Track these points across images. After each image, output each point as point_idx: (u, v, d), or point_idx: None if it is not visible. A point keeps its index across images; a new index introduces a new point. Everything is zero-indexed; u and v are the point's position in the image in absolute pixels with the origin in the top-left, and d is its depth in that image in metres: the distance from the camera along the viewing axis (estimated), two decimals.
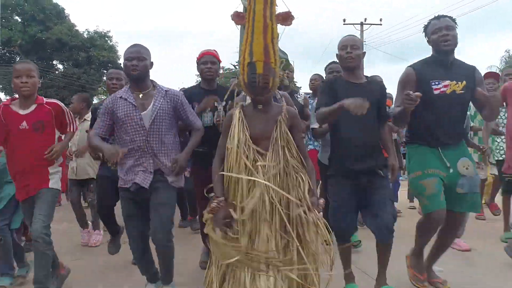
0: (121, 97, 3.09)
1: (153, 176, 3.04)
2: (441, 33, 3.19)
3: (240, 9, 2.46)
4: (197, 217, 4.55)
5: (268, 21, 2.25)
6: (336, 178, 3.12)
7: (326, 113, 2.95)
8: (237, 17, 2.35)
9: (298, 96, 4.90)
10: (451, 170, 3.18)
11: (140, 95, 3.08)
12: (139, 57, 3.05)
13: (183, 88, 4.65)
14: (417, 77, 3.23)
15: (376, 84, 3.29)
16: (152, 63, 3.19)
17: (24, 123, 3.13)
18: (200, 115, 3.56)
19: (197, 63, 3.83)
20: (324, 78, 4.59)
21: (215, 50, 3.86)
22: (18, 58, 27.99)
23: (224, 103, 3.47)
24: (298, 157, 2.39)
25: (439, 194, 3.13)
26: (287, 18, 2.30)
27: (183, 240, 4.88)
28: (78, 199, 5.18)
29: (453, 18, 3.30)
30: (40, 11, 26.12)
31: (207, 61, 3.74)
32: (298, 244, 2.20)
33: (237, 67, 25.92)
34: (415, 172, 3.26)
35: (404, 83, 3.28)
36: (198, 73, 3.93)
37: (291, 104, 3.52)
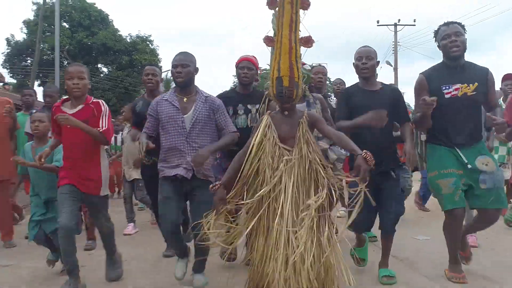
0: (166, 99, 3.37)
1: (193, 174, 3.27)
2: (450, 39, 3.34)
3: (271, 33, 3.00)
4: None
5: (293, 43, 2.79)
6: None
7: (347, 128, 3.26)
8: (268, 41, 2.91)
9: (331, 100, 5.21)
10: (469, 166, 3.28)
11: (185, 99, 3.34)
12: (183, 64, 3.32)
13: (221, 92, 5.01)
14: (428, 84, 3.41)
15: (390, 90, 3.54)
16: (197, 69, 3.43)
17: None
18: (234, 117, 3.80)
19: (236, 67, 4.02)
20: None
21: (253, 57, 4.05)
22: (66, 62, 29.51)
23: (257, 106, 3.79)
24: (317, 151, 2.83)
25: (455, 194, 3.26)
26: (308, 41, 2.85)
27: None
28: (130, 195, 5.87)
29: (462, 24, 3.44)
30: (86, 18, 27.37)
31: (244, 67, 3.93)
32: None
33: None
34: (432, 171, 3.45)
35: (418, 90, 3.47)
36: (236, 76, 4.10)
37: (325, 106, 3.94)
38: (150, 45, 29.12)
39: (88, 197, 3.42)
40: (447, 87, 3.35)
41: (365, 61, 3.46)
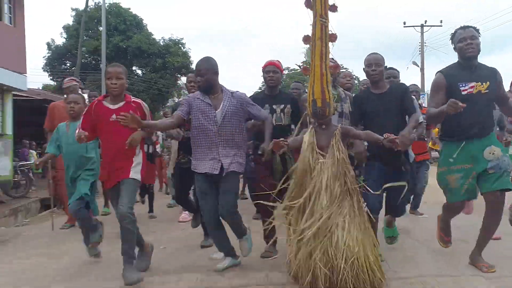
0: (198, 98, 3.81)
1: (222, 164, 3.71)
2: (466, 42, 3.64)
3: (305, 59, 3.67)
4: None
5: (324, 71, 3.46)
6: (370, 162, 3.94)
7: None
8: (305, 70, 3.60)
9: None
10: (478, 161, 3.62)
11: (213, 97, 3.79)
12: (200, 73, 3.83)
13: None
14: (446, 81, 3.71)
15: (395, 88, 3.99)
16: (216, 73, 3.84)
17: (114, 116, 3.62)
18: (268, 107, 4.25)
19: (262, 71, 4.44)
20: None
21: (277, 61, 4.44)
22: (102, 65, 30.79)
23: (282, 106, 4.26)
24: (346, 157, 3.48)
25: (461, 188, 3.71)
26: (336, 68, 3.54)
27: None
28: None
29: (477, 28, 3.75)
30: (122, 22, 28.35)
31: (270, 71, 4.36)
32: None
33: (301, 66, 26.96)
34: (441, 167, 3.85)
35: (435, 87, 3.79)
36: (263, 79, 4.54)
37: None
38: (182, 47, 29.94)
39: (118, 184, 3.69)
40: (464, 85, 3.66)
41: (375, 68, 3.91)
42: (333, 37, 3.53)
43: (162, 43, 29.69)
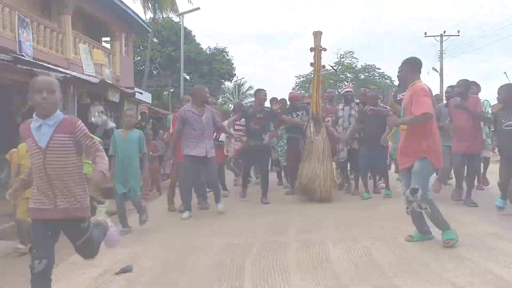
0: (189, 110, 5.98)
1: (206, 151, 5.92)
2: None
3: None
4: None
5: (318, 99, 6.99)
6: (361, 146, 7.23)
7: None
8: (308, 98, 7.16)
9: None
10: None
11: (199, 109, 6.02)
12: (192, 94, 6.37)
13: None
14: (395, 94, 6.97)
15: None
16: (203, 95, 6.09)
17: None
18: (296, 115, 7.39)
19: (288, 100, 7.80)
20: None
21: (293, 92, 7.96)
22: (155, 72, 34.11)
23: (300, 112, 7.39)
24: (327, 137, 6.99)
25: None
26: (323, 97, 7.10)
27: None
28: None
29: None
30: (173, 34, 31.33)
31: (294, 100, 7.64)
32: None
33: (335, 68, 29.67)
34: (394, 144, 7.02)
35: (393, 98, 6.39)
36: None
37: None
38: (226, 56, 33.26)
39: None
40: (399, 95, 6.60)
41: (366, 92, 7.55)
42: (323, 82, 7.10)
43: (208, 52, 32.91)
